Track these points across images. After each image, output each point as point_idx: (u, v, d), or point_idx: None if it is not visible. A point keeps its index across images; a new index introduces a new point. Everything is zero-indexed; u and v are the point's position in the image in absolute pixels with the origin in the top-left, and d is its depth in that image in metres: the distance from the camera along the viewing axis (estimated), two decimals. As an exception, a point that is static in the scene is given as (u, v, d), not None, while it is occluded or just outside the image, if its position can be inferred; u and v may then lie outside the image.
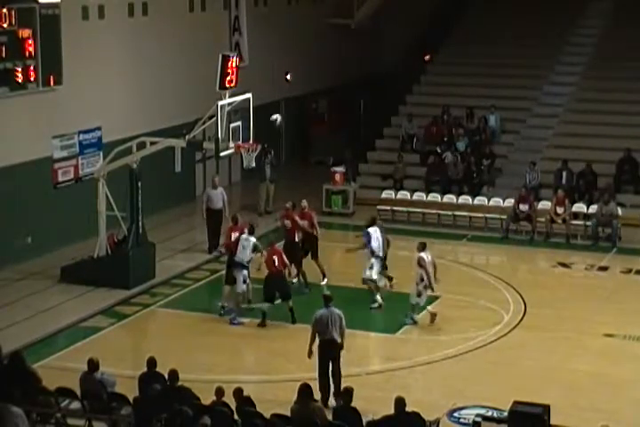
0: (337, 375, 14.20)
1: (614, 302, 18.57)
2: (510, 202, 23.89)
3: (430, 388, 15.00)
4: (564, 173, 24.92)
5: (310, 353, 14.36)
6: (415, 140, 27.33)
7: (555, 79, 29.04)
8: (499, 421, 12.74)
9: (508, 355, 16.25)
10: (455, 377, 15.30)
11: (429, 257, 17.32)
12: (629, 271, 20.80)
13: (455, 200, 24.66)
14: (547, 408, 12.49)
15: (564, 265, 21.22)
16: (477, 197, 24.79)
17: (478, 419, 12.86)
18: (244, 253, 17.84)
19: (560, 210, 23.21)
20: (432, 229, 23.49)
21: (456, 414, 13.78)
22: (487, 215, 23.88)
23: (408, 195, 25.12)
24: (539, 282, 19.82)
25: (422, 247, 17.41)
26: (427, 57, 31.95)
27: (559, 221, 23.07)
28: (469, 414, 13.55)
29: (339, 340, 14.24)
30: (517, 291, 19.21)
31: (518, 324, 17.56)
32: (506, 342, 16.72)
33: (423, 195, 24.99)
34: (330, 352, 14.21)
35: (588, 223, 23.26)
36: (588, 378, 15.09)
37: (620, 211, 23.15)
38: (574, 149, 25.98)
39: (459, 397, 14.35)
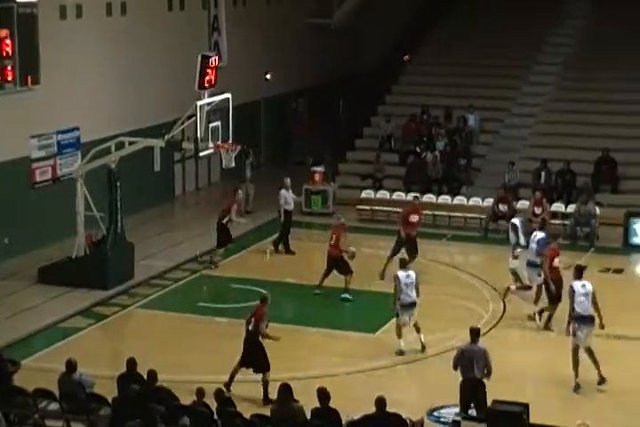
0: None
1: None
2: (489, 202, 23.97)
3: (410, 387, 15.05)
4: (543, 173, 25.04)
5: None
6: (393, 139, 27.38)
7: (533, 79, 29.16)
8: (478, 420, 12.79)
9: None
10: (435, 376, 15.32)
11: (410, 277, 16.32)
12: (607, 270, 20.90)
13: (435, 200, 24.72)
14: (526, 407, 12.55)
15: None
16: (457, 197, 24.87)
17: (458, 418, 12.90)
18: None
19: (538, 210, 23.28)
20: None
21: (436, 414, 13.81)
22: (466, 215, 23.95)
23: (387, 194, 25.17)
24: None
25: (402, 264, 16.68)
26: (406, 57, 32.02)
27: (537, 220, 23.13)
28: (449, 414, 13.57)
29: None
30: (497, 290, 19.27)
31: (497, 323, 17.61)
32: (485, 341, 16.68)
33: (403, 194, 25.03)
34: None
35: (567, 222, 23.39)
36: (569, 376, 15.12)
37: (598, 210, 23.29)
38: (553, 149, 26.09)
39: (439, 396, 14.37)
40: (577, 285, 14.96)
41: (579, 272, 15.33)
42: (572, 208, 23.72)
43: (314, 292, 18.89)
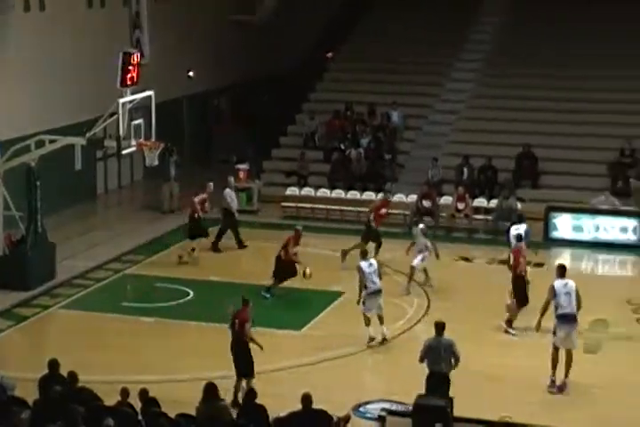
0: None
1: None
2: (413, 198, 24.16)
3: (337, 383, 15.04)
4: (465, 169, 25.33)
5: None
6: (318, 137, 27.42)
7: (455, 76, 29.46)
8: (403, 414, 12.89)
9: (412, 349, 16.34)
10: (360, 372, 15.40)
11: (372, 266, 16.57)
12: (528, 264, 21.18)
13: (359, 196, 24.84)
14: (450, 401, 12.69)
15: (465, 259, 21.55)
16: (381, 193, 24.97)
17: (383, 413, 12.98)
18: None
19: (461, 206, 23.62)
20: (336, 225, 23.62)
21: (362, 409, 13.85)
22: (390, 211, 24.05)
23: (312, 191, 25.20)
24: (441, 276, 20.05)
25: (363, 255, 16.88)
26: (329, 54, 32.07)
27: (461, 216, 23.48)
28: (375, 409, 13.63)
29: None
30: (420, 285, 19.42)
31: (422, 318, 17.76)
32: (410, 336, 16.87)
33: (327, 191, 25.10)
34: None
35: (489, 218, 23.71)
36: (492, 369, 15.32)
37: (519, 205, 23.63)
38: (475, 145, 26.39)
39: (364, 392, 14.44)
40: (559, 283, 14.67)
41: (561, 271, 15.00)
42: (494, 203, 24.06)
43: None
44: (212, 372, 14.39)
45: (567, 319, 14.51)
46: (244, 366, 14.08)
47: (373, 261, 16.82)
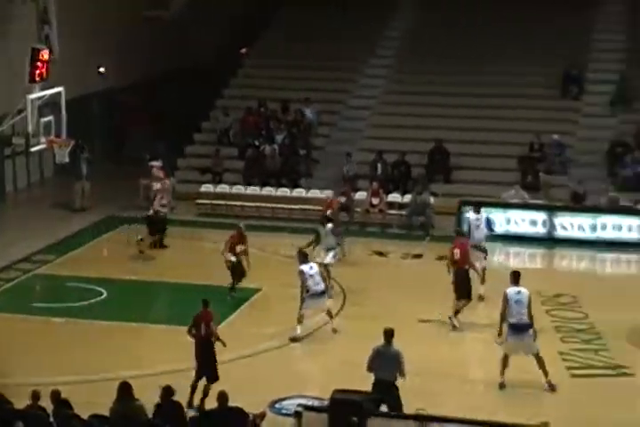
0: None
1: (429, 289, 19.06)
2: (328, 193, 24.15)
3: (253, 381, 14.99)
4: (379, 164, 25.52)
5: None
6: (232, 133, 27.30)
7: (368, 72, 29.63)
8: (319, 410, 12.91)
9: (329, 344, 16.47)
10: (277, 369, 15.38)
11: (313, 268, 16.64)
12: (442, 258, 21.46)
13: (274, 192, 24.84)
14: (367, 395, 12.75)
15: (380, 254, 21.69)
16: (296, 189, 25.06)
17: (299, 409, 12.98)
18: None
19: (375, 201, 23.80)
20: (252, 221, 23.47)
21: (278, 406, 13.84)
22: (306, 207, 24.14)
23: (227, 188, 25.10)
24: (356, 271, 20.17)
25: (302, 258, 16.87)
26: (243, 50, 31.95)
27: (375, 211, 23.67)
28: (291, 405, 13.61)
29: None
30: (336, 280, 19.48)
31: (338, 313, 17.82)
32: (327, 332, 16.93)
33: (242, 188, 25.03)
34: None
35: (403, 213, 23.93)
36: (408, 363, 15.42)
37: (432, 200, 23.91)
38: (388, 140, 26.60)
39: (281, 388, 14.42)
40: (511, 291, 14.39)
41: (514, 278, 14.66)
42: (407, 198, 24.29)
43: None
44: (126, 371, 14.22)
45: (517, 329, 14.25)
46: (211, 369, 13.85)
47: (314, 264, 16.86)
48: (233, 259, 18.42)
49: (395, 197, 24.65)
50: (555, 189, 24.85)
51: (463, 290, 16.99)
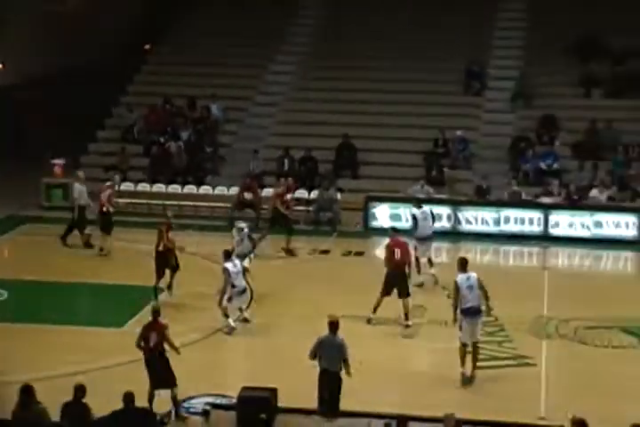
0: None
1: (338, 285, 19.17)
2: (235, 190, 24.16)
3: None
4: (286, 161, 25.54)
5: None
6: (137, 130, 26.99)
7: (274, 68, 29.61)
8: (227, 407, 12.88)
9: (237, 342, 16.40)
10: (187, 367, 15.21)
11: (237, 266, 16.62)
12: (349, 253, 21.64)
13: (180, 190, 24.66)
14: (274, 392, 12.76)
15: (287, 251, 21.69)
16: (202, 187, 24.91)
17: (207, 407, 12.93)
18: None
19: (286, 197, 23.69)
20: (158, 219, 23.22)
21: (185, 405, 13.71)
22: (212, 204, 24.02)
23: (132, 186, 24.79)
24: (266, 268, 20.11)
25: (226, 256, 16.74)
26: (147, 46, 31.59)
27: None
28: (199, 404, 13.53)
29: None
30: (245, 279, 19.35)
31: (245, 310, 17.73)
32: (238, 329, 16.84)
33: (147, 186, 24.77)
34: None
35: (310, 208, 23.99)
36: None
37: (339, 196, 24.03)
38: (295, 137, 26.65)
39: (189, 387, 14.29)
40: (461, 278, 14.50)
41: (462, 265, 14.76)
42: (315, 194, 24.36)
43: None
44: (25, 375, 13.89)
45: (470, 312, 14.39)
46: (171, 378, 13.37)
47: (238, 262, 16.83)
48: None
49: (302, 193, 24.69)
50: (459, 183, 25.23)
51: (389, 288, 17.02)
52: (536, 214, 23.05)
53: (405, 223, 23.22)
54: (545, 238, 22.81)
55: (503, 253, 22.61)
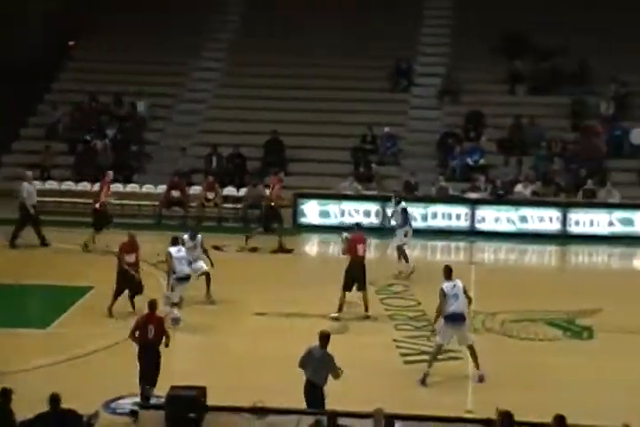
0: None
1: (264, 282, 19.11)
2: (162, 188, 23.97)
3: (87, 381, 14.64)
4: (214, 158, 25.41)
5: None
6: (61, 128, 26.59)
7: (201, 65, 29.42)
8: (156, 407, 12.74)
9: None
10: (113, 368, 15.06)
11: (181, 251, 16.65)
12: (277, 251, 21.60)
13: (106, 188, 24.32)
14: (203, 390, 12.67)
15: (217, 248, 21.56)
16: (129, 185, 24.66)
17: (135, 408, 12.79)
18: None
19: (210, 195, 23.69)
20: (83, 218, 22.97)
21: (112, 405, 13.56)
22: (139, 202, 23.80)
23: (56, 185, 24.42)
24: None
25: (173, 242, 16.80)
26: (71, 43, 31.11)
27: (210, 205, 23.58)
28: (127, 404, 13.39)
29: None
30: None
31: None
32: (180, 321, 16.68)
33: (72, 184, 24.43)
34: None
35: (239, 206, 23.90)
36: (242, 357, 15.43)
37: (268, 193, 23.92)
38: (223, 134, 26.54)
39: (117, 388, 14.14)
40: (447, 286, 14.62)
41: (447, 273, 14.89)
42: (243, 192, 24.28)
43: None
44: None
45: (453, 319, 14.51)
46: (154, 374, 13.29)
47: (182, 248, 16.80)
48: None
49: (230, 190, 24.59)
50: (387, 179, 25.36)
51: (348, 282, 17.15)
52: (463, 210, 23.30)
53: (334, 219, 23.36)
54: (471, 233, 23.09)
55: (431, 248, 22.81)
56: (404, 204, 20.16)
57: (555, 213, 23.34)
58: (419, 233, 22.72)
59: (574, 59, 27.40)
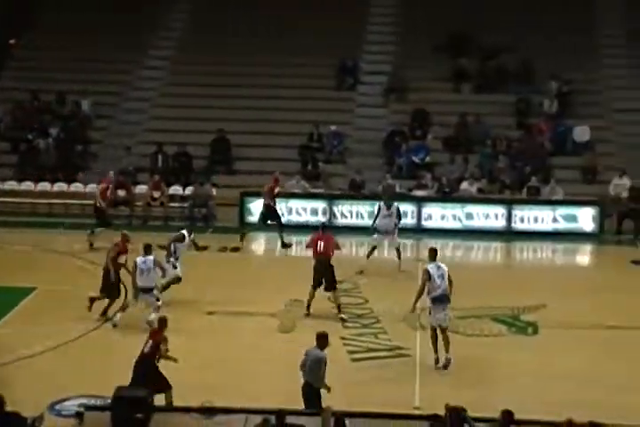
0: None
1: (214, 281, 19.04)
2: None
3: (32, 383, 14.44)
4: (160, 157, 25.23)
5: None
6: (3, 127, 26.22)
7: (147, 63, 29.21)
8: (102, 409, 12.61)
9: (110, 342, 16.09)
10: (59, 369, 14.89)
11: (147, 262, 16.44)
12: (225, 249, 21.52)
13: (50, 188, 24.09)
14: (150, 390, 12.55)
15: (163, 247, 21.38)
16: (73, 184, 24.41)
17: (81, 409, 12.63)
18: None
19: (156, 194, 23.53)
20: (27, 218, 22.73)
21: (57, 407, 13.39)
22: (84, 202, 23.54)
23: (-1, 185, 24.12)
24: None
25: (146, 250, 16.62)
26: (12, 41, 30.67)
27: (156, 204, 23.40)
28: (72, 406, 13.23)
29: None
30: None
31: (120, 310, 17.39)
32: (106, 330, 16.55)
33: (15, 184, 24.10)
34: None
35: (185, 205, 23.76)
36: (190, 356, 15.32)
37: (214, 191, 23.87)
38: (169, 133, 26.37)
39: (62, 389, 13.96)
40: (432, 267, 15.01)
41: (432, 255, 15.35)
42: (189, 190, 24.14)
43: None
44: None
45: (441, 300, 14.89)
46: (160, 381, 13.06)
47: (150, 257, 16.49)
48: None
49: (176, 189, 24.44)
50: (334, 178, 25.39)
51: (318, 280, 17.10)
52: (410, 207, 23.39)
53: (281, 218, 23.29)
54: (418, 231, 23.19)
55: (378, 245, 22.79)
56: (395, 204, 20.28)
57: (500, 210, 23.55)
58: (365, 231, 22.81)
59: (519, 57, 27.67)
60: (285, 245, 21.71)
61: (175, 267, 17.67)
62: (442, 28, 28.39)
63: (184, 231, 18.17)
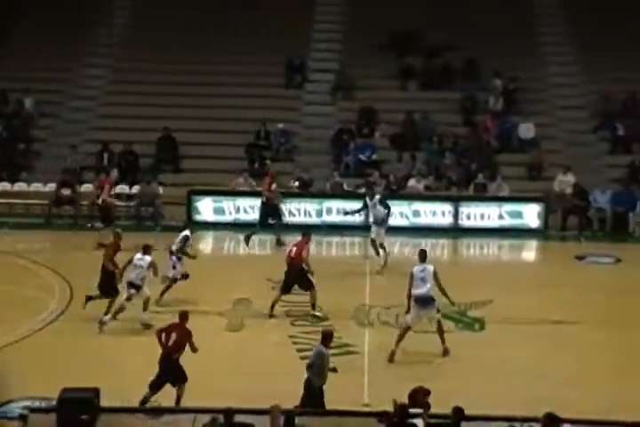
0: None
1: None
2: (52, 186, 23.46)
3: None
4: (106, 155, 24.98)
5: None
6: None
7: (90, 61, 28.90)
8: (47, 410, 12.44)
9: (58, 342, 15.89)
10: (2, 370, 14.64)
11: (143, 259, 16.45)
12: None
13: (-7, 187, 23.78)
14: (96, 392, 12.42)
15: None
16: (17, 183, 24.09)
17: (25, 412, 12.45)
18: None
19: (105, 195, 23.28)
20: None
21: (2, 409, 13.19)
22: (28, 201, 23.25)
23: (-59, 184, 23.70)
24: (84, 266, 19.55)
25: (142, 249, 16.64)
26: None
27: (100, 203, 23.20)
28: (17, 408, 13.03)
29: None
30: (63, 277, 18.85)
31: (64, 311, 17.23)
32: (52, 330, 16.33)
33: (-42, 184, 23.75)
34: None
35: (131, 204, 23.56)
36: (138, 357, 15.19)
37: (161, 190, 23.70)
38: (115, 131, 26.13)
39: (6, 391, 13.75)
40: (417, 269, 15.39)
41: (420, 256, 15.74)
42: (136, 189, 23.94)
43: None
44: None
45: (419, 301, 15.19)
46: (180, 374, 13.22)
47: (148, 257, 16.44)
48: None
49: (122, 188, 24.22)
50: (282, 176, 25.29)
51: (287, 286, 17.15)
52: (357, 205, 23.36)
53: (229, 216, 23.22)
54: (366, 228, 23.17)
55: (326, 243, 22.86)
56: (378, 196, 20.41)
57: (447, 207, 23.68)
58: (313, 229, 22.76)
59: (464, 55, 27.85)
60: (280, 243, 21.48)
61: (175, 267, 17.60)
62: (388, 27, 28.48)
63: (187, 232, 18.01)
